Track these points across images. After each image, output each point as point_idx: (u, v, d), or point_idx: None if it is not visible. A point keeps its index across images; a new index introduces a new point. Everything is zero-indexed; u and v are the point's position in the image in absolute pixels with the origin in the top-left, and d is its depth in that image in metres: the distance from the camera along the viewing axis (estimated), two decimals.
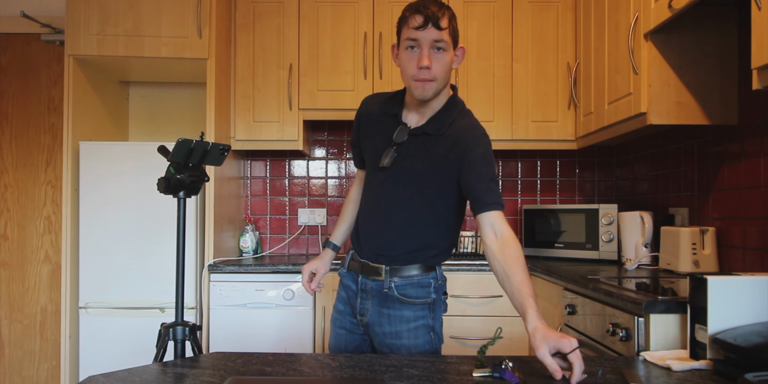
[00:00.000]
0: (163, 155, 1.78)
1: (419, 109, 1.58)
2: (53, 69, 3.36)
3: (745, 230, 2.08)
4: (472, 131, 1.56)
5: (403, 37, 1.49)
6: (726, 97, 2.13)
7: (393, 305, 1.62)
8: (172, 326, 1.74)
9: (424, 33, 1.44)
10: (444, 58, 1.47)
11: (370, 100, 1.71)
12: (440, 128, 1.55)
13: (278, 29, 3.04)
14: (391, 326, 1.62)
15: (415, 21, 1.45)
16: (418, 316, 1.62)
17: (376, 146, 1.62)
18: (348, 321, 1.71)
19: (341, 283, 1.76)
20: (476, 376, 1.16)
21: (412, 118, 1.59)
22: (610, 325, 1.71)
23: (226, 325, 2.71)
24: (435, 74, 1.46)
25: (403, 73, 1.51)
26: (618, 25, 2.39)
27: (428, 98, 1.51)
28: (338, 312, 1.74)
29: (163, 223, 2.67)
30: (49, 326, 3.34)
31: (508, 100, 3.04)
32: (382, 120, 1.62)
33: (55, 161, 3.36)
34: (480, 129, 1.59)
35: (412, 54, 1.47)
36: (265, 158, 3.44)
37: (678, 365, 1.23)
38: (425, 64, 1.44)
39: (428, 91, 1.48)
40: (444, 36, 1.46)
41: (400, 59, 1.52)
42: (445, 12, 1.48)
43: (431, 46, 1.45)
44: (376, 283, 1.64)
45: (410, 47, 1.47)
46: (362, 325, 1.68)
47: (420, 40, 1.45)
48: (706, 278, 1.24)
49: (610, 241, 2.75)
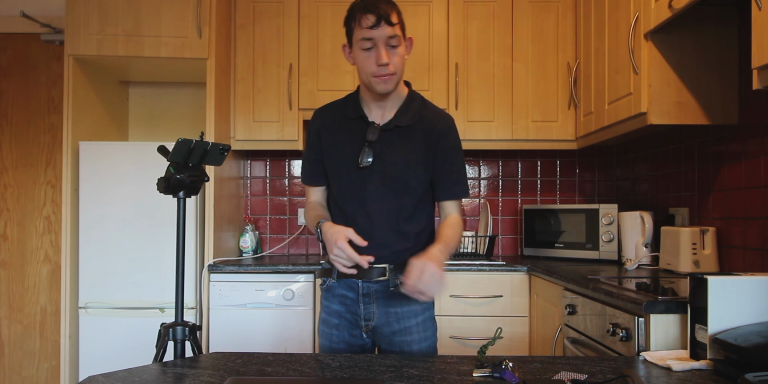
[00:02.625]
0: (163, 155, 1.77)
1: (380, 105, 1.62)
2: (53, 69, 3.36)
3: (746, 230, 2.08)
4: (445, 121, 1.66)
5: (356, 37, 1.52)
6: (726, 97, 2.13)
7: (399, 302, 1.63)
8: (172, 326, 1.73)
9: (377, 31, 1.48)
10: (399, 51, 1.52)
11: (321, 113, 1.70)
12: (411, 119, 1.61)
13: (278, 29, 3.04)
14: (399, 324, 1.63)
15: (367, 20, 1.48)
16: (425, 307, 1.67)
17: (347, 151, 1.61)
18: (348, 333, 1.65)
19: (331, 295, 1.68)
20: (476, 376, 1.16)
21: (376, 115, 1.63)
22: (610, 325, 1.70)
23: (226, 325, 2.71)
24: (395, 68, 1.52)
25: (361, 71, 1.55)
26: (618, 25, 2.39)
27: (391, 91, 1.56)
28: (333, 327, 1.66)
29: (163, 223, 2.67)
30: (49, 326, 3.34)
31: (508, 100, 3.04)
32: (346, 126, 1.64)
33: (54, 161, 3.36)
34: (450, 119, 1.68)
35: (369, 53, 1.51)
36: (265, 158, 3.44)
37: (678, 365, 1.23)
38: (384, 61, 1.49)
39: (390, 84, 1.53)
40: (396, 31, 1.50)
41: (356, 59, 1.55)
42: (393, 7, 1.52)
43: (386, 43, 1.49)
44: (381, 284, 1.62)
45: (366, 48, 1.51)
46: (368, 330, 1.65)
47: (375, 38, 1.49)
48: (706, 278, 1.24)
49: (610, 241, 2.75)
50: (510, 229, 3.41)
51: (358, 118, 1.63)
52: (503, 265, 2.72)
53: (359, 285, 1.64)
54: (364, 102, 1.64)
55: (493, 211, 3.39)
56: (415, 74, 3.01)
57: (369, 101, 1.63)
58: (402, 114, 1.61)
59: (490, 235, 3.06)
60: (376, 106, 1.63)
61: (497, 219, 3.40)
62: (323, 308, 1.70)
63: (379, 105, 1.62)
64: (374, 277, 1.61)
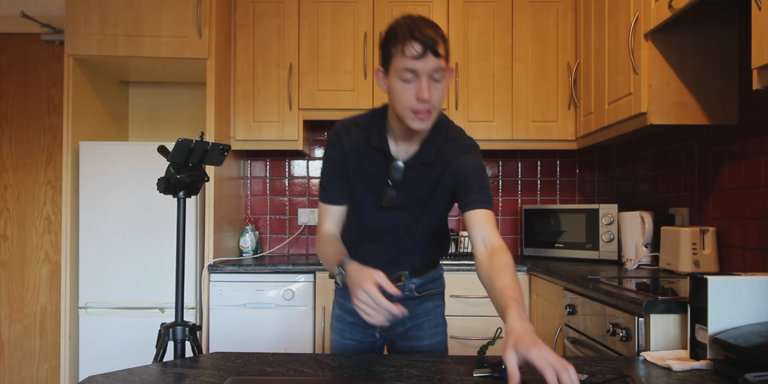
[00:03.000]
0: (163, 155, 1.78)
1: (408, 137, 1.46)
2: (53, 69, 3.36)
3: (746, 230, 2.08)
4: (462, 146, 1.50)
5: (396, 65, 1.33)
6: (726, 97, 2.13)
7: (413, 303, 1.65)
8: (172, 326, 1.74)
9: (422, 63, 1.30)
10: (441, 86, 1.35)
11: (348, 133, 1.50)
12: (435, 154, 1.47)
13: (278, 29, 3.04)
14: (412, 320, 1.65)
15: (412, 49, 1.29)
16: (437, 304, 1.69)
17: (370, 184, 1.51)
18: (361, 332, 1.66)
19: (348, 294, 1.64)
20: (476, 376, 1.16)
21: (401, 147, 1.47)
22: (610, 325, 1.70)
23: (226, 325, 2.71)
24: (433, 105, 1.34)
25: (396, 102, 1.36)
26: (618, 25, 2.39)
27: (426, 130, 1.40)
28: (348, 324, 1.67)
29: (163, 223, 2.67)
30: (49, 326, 3.34)
31: (508, 100, 3.04)
32: (370, 153, 1.49)
33: (54, 161, 3.36)
34: (467, 141, 1.51)
35: (409, 86, 1.33)
36: (265, 158, 3.44)
37: (678, 365, 1.23)
38: (425, 96, 1.31)
39: (427, 123, 1.36)
40: (441, 63, 1.32)
41: (392, 88, 1.37)
42: (441, 35, 1.34)
43: (429, 76, 1.31)
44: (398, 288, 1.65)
45: (407, 79, 1.32)
46: (384, 330, 1.67)
47: (419, 70, 1.30)
48: (706, 278, 1.24)
49: (610, 241, 2.75)
50: (510, 229, 3.41)
51: (381, 150, 1.47)
52: None
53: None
54: (389, 130, 1.47)
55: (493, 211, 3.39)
56: None
57: (396, 130, 1.46)
58: (427, 148, 1.46)
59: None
60: (402, 137, 1.46)
61: (497, 219, 3.40)
62: (338, 304, 1.71)
63: (406, 137, 1.46)
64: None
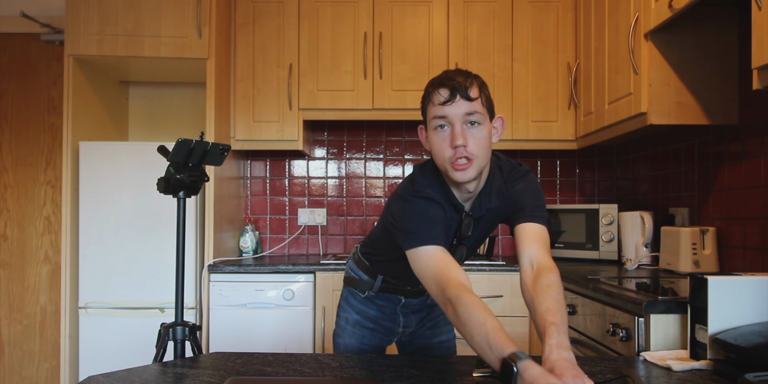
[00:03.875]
0: (163, 155, 1.78)
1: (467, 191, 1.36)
2: (53, 69, 3.36)
3: (746, 230, 2.08)
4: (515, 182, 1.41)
5: (429, 116, 1.28)
6: (726, 97, 2.13)
7: (436, 309, 1.72)
8: (172, 326, 1.74)
9: (452, 107, 1.24)
10: (480, 132, 1.26)
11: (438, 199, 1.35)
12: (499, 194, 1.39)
13: (278, 29, 3.04)
14: (433, 329, 1.72)
15: (440, 96, 1.25)
16: None
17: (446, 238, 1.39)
18: (380, 338, 1.70)
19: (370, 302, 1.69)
20: (476, 376, 1.16)
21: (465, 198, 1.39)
22: (610, 325, 1.70)
23: (226, 325, 2.71)
24: (472, 152, 1.25)
25: (437, 157, 1.29)
26: (618, 25, 2.39)
27: (471, 179, 1.30)
28: (367, 329, 1.69)
29: (163, 223, 2.67)
30: (49, 326, 3.34)
31: (508, 100, 3.04)
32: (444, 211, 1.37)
33: (54, 161, 3.36)
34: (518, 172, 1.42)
35: (443, 134, 1.26)
36: (265, 158, 3.44)
37: (678, 365, 1.23)
38: (459, 142, 1.23)
39: (470, 173, 1.27)
40: (476, 107, 1.25)
41: (430, 142, 1.31)
42: (473, 80, 1.27)
43: (463, 122, 1.25)
44: (420, 299, 1.68)
45: (439, 126, 1.26)
46: (404, 336, 1.73)
47: (449, 116, 1.25)
48: (706, 278, 1.24)
49: (610, 241, 2.75)
50: (510, 229, 3.40)
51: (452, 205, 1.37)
52: (503, 265, 2.72)
53: (402, 300, 1.67)
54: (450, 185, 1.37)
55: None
56: (415, 74, 3.01)
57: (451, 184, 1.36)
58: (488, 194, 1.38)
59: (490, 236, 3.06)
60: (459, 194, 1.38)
61: None
62: (358, 311, 1.71)
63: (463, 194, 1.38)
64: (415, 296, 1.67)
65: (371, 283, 1.66)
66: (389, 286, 1.65)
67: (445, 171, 1.30)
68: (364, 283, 1.68)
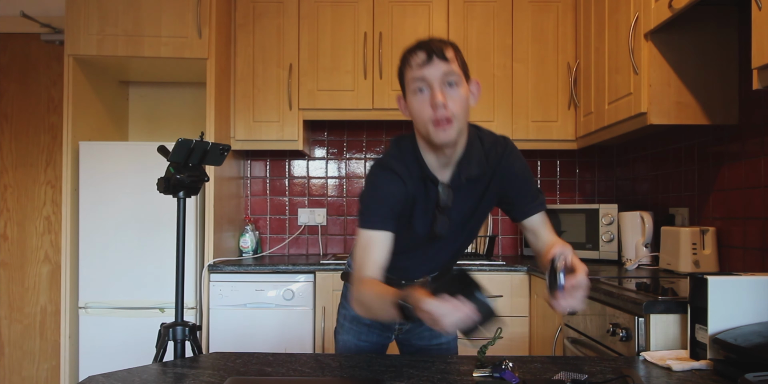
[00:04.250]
0: (163, 155, 1.78)
1: (444, 160, 1.37)
2: (53, 69, 3.36)
3: (745, 230, 2.08)
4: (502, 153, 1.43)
5: (408, 80, 1.31)
6: (726, 97, 2.13)
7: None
8: (172, 326, 1.74)
9: (430, 69, 1.26)
10: (458, 92, 1.28)
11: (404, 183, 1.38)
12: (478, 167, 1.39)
13: (278, 29, 3.04)
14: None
15: (418, 58, 1.28)
16: None
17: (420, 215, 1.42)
18: (377, 334, 1.67)
19: None
20: (476, 376, 1.16)
21: (442, 169, 1.39)
22: (610, 325, 1.70)
23: (226, 325, 2.71)
24: (452, 111, 1.27)
25: (417, 120, 1.31)
26: (618, 25, 2.39)
27: (453, 141, 1.31)
28: (364, 325, 1.66)
29: (163, 223, 2.67)
30: (49, 326, 3.34)
31: (508, 100, 3.04)
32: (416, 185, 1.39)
33: (54, 161, 3.36)
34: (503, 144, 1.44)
35: (423, 97, 1.28)
36: (265, 158, 3.44)
37: (678, 365, 1.23)
38: (440, 101, 1.25)
39: (451, 133, 1.28)
40: (453, 67, 1.28)
41: (410, 107, 1.32)
42: (448, 44, 1.31)
43: (442, 82, 1.27)
44: None
45: (419, 90, 1.28)
46: (401, 333, 1.69)
47: (428, 77, 1.27)
48: (706, 278, 1.24)
49: (610, 241, 2.75)
50: (510, 229, 3.41)
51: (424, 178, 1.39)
52: (503, 265, 2.72)
53: None
54: (425, 156, 1.38)
55: (494, 211, 3.39)
56: None
57: (428, 156, 1.38)
58: (467, 163, 1.38)
59: (490, 235, 3.06)
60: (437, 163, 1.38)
61: (497, 219, 3.40)
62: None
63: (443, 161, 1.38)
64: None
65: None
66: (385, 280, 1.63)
67: (426, 134, 1.31)
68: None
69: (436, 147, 1.33)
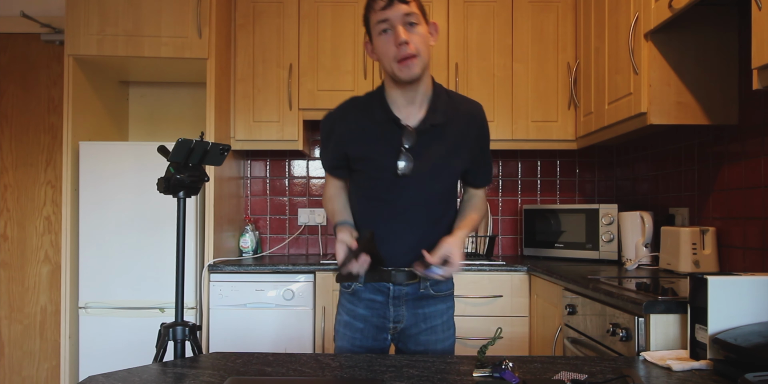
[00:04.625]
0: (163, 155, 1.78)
1: (410, 100, 1.51)
2: (53, 69, 3.36)
3: (746, 230, 2.08)
4: (478, 108, 1.60)
5: (373, 23, 1.45)
6: (726, 97, 2.13)
7: (427, 303, 1.63)
8: (172, 326, 1.74)
9: (392, 10, 1.41)
10: (419, 31, 1.44)
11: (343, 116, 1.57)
12: (444, 115, 1.51)
13: (278, 29, 3.04)
14: (426, 323, 1.63)
15: (380, 2, 1.42)
16: (449, 306, 1.69)
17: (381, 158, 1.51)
18: (372, 338, 1.62)
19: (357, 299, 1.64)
20: (476, 376, 1.16)
21: (406, 114, 1.51)
22: (610, 325, 1.70)
23: (226, 325, 2.71)
24: (416, 48, 1.42)
25: (383, 59, 1.46)
26: (618, 25, 2.39)
27: (417, 76, 1.45)
28: (358, 331, 1.63)
29: (163, 223, 2.67)
30: (49, 326, 3.34)
31: (508, 100, 3.04)
32: (376, 131, 1.51)
33: (54, 161, 3.36)
34: (479, 106, 1.62)
35: (387, 37, 1.43)
36: (265, 158, 3.44)
37: (678, 365, 1.23)
38: (403, 39, 1.40)
39: (415, 68, 1.43)
40: (413, 8, 1.42)
41: (376, 48, 1.47)
42: None
43: (404, 22, 1.42)
44: (412, 287, 1.61)
45: (383, 31, 1.43)
46: (396, 332, 1.63)
47: (390, 18, 1.41)
48: (706, 278, 1.24)
49: (610, 241, 2.75)
50: (510, 229, 3.41)
51: (388, 121, 1.50)
52: (503, 265, 2.72)
53: (390, 288, 1.60)
54: (391, 100, 1.52)
55: (493, 211, 3.39)
56: None
57: (396, 98, 1.51)
58: (434, 111, 1.51)
59: (490, 235, 3.06)
60: (404, 103, 1.51)
61: (497, 219, 3.40)
62: (346, 311, 1.66)
63: (408, 100, 1.51)
64: (405, 282, 1.59)
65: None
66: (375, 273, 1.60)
67: (392, 71, 1.44)
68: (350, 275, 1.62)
69: (403, 84, 1.46)
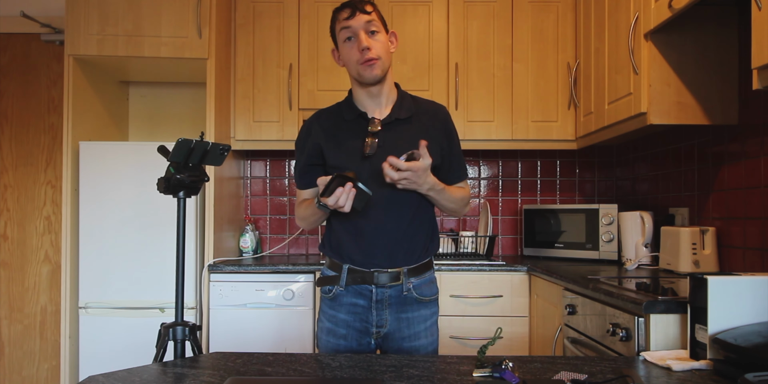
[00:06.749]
0: (163, 155, 1.77)
1: (376, 101, 1.66)
2: (53, 69, 3.36)
3: (745, 230, 2.08)
4: (442, 109, 1.73)
5: (338, 32, 1.62)
6: (726, 97, 2.13)
7: (410, 308, 1.63)
8: (172, 326, 1.73)
9: (354, 20, 1.58)
10: (380, 38, 1.60)
11: (317, 118, 1.72)
12: (408, 111, 1.65)
13: (278, 29, 3.04)
14: (410, 329, 1.63)
15: (343, 13, 1.60)
16: (433, 312, 1.69)
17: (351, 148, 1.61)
18: (356, 343, 1.63)
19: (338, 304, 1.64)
20: (476, 376, 1.16)
21: (374, 112, 1.66)
22: (610, 325, 1.70)
23: (226, 325, 2.71)
24: (377, 53, 1.58)
25: (349, 64, 1.63)
26: (618, 25, 2.39)
27: (379, 78, 1.60)
28: (341, 337, 1.63)
29: (163, 223, 2.67)
30: (49, 326, 3.34)
31: (508, 100, 3.04)
32: (346, 127, 1.66)
33: (55, 161, 3.36)
34: (444, 106, 1.76)
35: (351, 44, 1.60)
36: (265, 158, 3.44)
37: (678, 365, 1.23)
38: (365, 45, 1.56)
39: (377, 69, 1.58)
40: (374, 18, 1.60)
41: (342, 55, 1.64)
42: (367, 1, 1.63)
43: (366, 30, 1.58)
44: (395, 289, 1.61)
45: (347, 39, 1.60)
46: (379, 337, 1.63)
47: (353, 27, 1.58)
48: (706, 278, 1.24)
49: (610, 241, 2.75)
50: (510, 229, 3.41)
51: (357, 117, 1.66)
52: (503, 265, 2.72)
53: (373, 291, 1.60)
54: (358, 102, 1.68)
55: (493, 211, 3.39)
56: (415, 74, 3.01)
57: (363, 100, 1.67)
58: (399, 108, 1.66)
59: (490, 235, 3.06)
60: (371, 104, 1.66)
61: (497, 219, 3.40)
62: (327, 317, 1.66)
63: (375, 101, 1.66)
64: (388, 283, 1.59)
65: (337, 277, 1.63)
66: (356, 274, 1.60)
67: (357, 74, 1.62)
68: (331, 278, 1.64)
69: (367, 86, 1.62)
